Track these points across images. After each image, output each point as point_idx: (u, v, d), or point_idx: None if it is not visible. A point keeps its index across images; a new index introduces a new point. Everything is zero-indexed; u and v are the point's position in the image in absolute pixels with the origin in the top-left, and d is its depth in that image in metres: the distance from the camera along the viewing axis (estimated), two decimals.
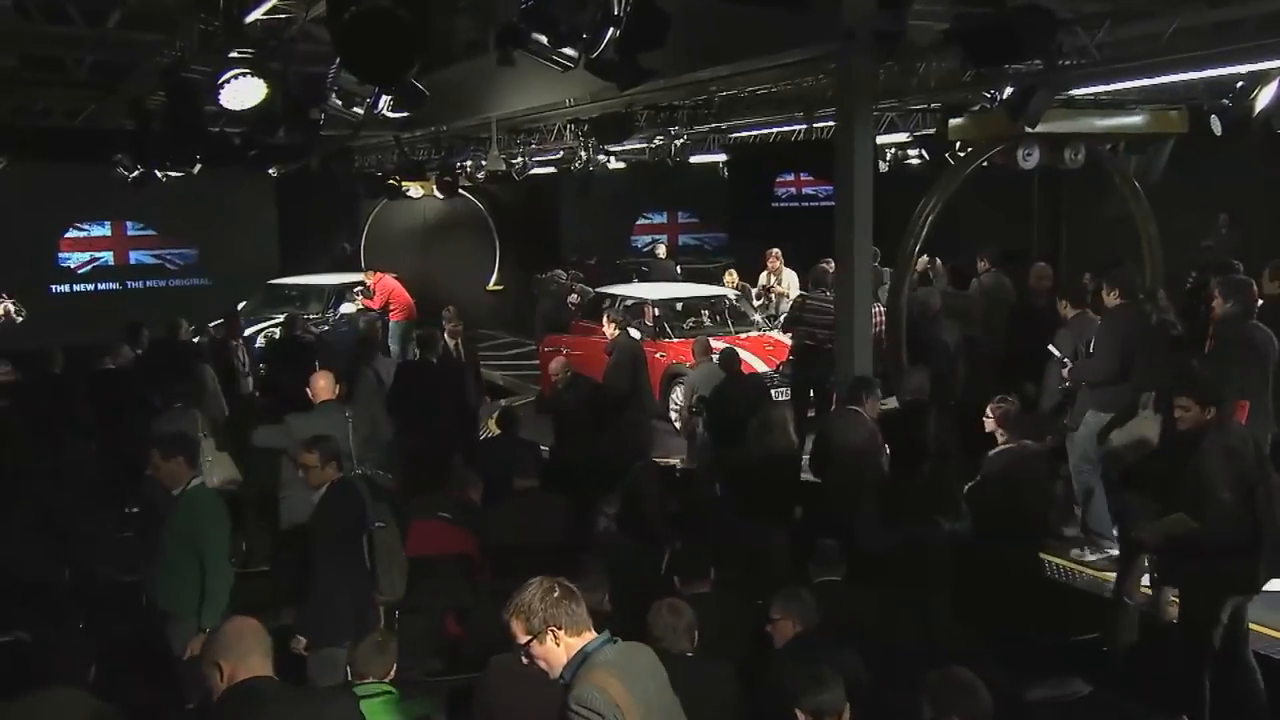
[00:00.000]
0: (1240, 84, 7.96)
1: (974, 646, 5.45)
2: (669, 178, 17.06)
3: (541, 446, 8.70)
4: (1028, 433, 6.58)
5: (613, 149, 12.20)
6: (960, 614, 5.61)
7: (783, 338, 12.22)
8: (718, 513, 6.57)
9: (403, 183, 16.01)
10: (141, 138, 9.44)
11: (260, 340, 13.62)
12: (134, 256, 17.54)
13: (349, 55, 4.29)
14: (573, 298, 12.30)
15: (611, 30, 4.35)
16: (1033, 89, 6.44)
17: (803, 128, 10.65)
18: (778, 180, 18.62)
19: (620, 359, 9.76)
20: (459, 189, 15.98)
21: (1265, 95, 7.77)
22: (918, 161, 12.64)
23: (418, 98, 5.63)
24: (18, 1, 7.64)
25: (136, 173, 11.84)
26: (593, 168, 12.63)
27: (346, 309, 14.81)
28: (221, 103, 5.69)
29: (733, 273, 13.76)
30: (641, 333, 11.74)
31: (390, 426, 8.19)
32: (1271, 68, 7.37)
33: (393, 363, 10.02)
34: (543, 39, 4.53)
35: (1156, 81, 7.22)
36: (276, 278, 16.45)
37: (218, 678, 3.27)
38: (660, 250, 17.63)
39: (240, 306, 15.05)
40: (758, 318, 12.93)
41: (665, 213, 21.09)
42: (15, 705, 3.44)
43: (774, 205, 18.80)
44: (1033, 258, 12.51)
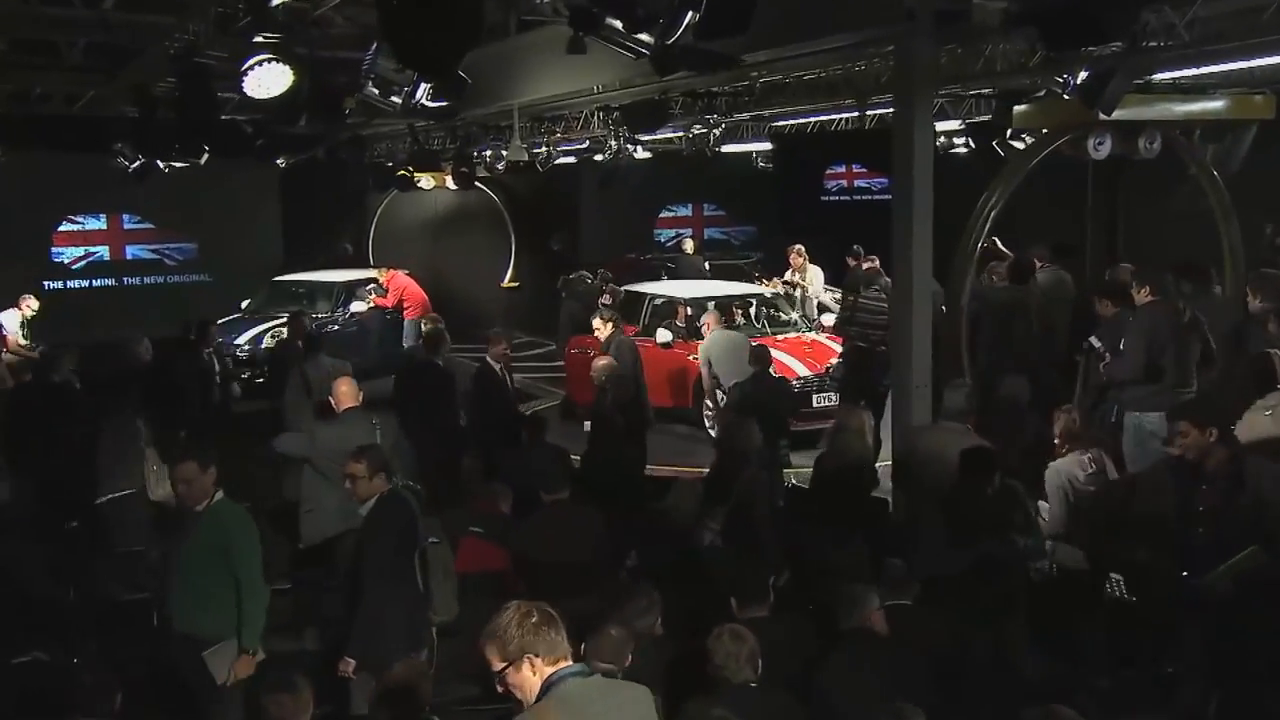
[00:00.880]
0: None
1: (1056, 677, 5.37)
2: (695, 168, 16.99)
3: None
4: (1090, 444, 6.54)
5: (644, 138, 12.09)
6: (1038, 639, 5.50)
7: (822, 338, 12.16)
8: (782, 527, 6.47)
9: (415, 173, 15.94)
10: (146, 126, 9.37)
11: (267, 341, 13.58)
12: (130, 251, 17.53)
13: (399, 42, 4.21)
14: (604, 299, 12.19)
15: (690, 14, 4.26)
16: (1110, 73, 6.31)
17: (852, 115, 10.54)
18: (827, 172, 18.46)
19: (620, 359, 9.64)
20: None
21: None
22: (964, 150, 12.51)
23: (460, 86, 5.55)
24: None
25: (138, 163, 11.79)
26: (622, 158, 12.53)
27: (357, 307, 14.77)
28: (245, 91, 5.61)
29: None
30: (673, 334, 11.69)
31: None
32: None
33: (333, 364, 10.02)
34: (617, 24, 4.44)
35: (1246, 65, 7.08)
36: (281, 274, 16.43)
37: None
38: (687, 245, 17.54)
39: (244, 304, 15.08)
40: (795, 316, 12.84)
41: (690, 205, 21.01)
42: None
43: (823, 199, 18.66)
44: (1087, 253, 12.37)
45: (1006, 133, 11.09)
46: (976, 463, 5.87)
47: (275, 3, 5.59)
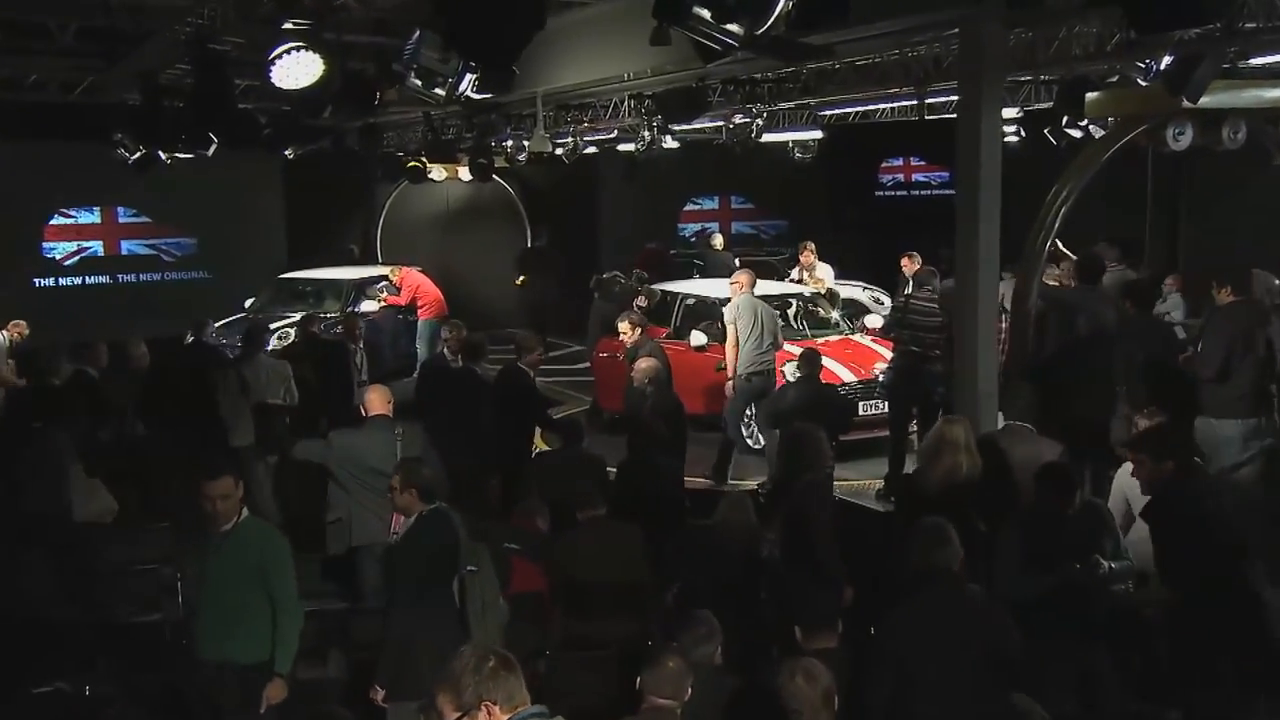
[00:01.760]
0: None
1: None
2: (723, 159, 16.88)
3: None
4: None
5: (680, 128, 11.99)
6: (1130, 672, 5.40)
7: (865, 340, 12.06)
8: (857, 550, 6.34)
9: (428, 164, 15.87)
10: (153, 115, 9.31)
11: (274, 342, 13.50)
12: (125, 246, 17.46)
13: (456, 30, 4.12)
14: (640, 301, 12.10)
15: (784, 2, 4.17)
16: (1198, 58, 6.21)
17: (906, 104, 10.42)
18: (882, 165, 18.35)
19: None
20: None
21: None
22: (1014, 140, 12.37)
23: (509, 76, 5.48)
24: None
25: (139, 154, 11.73)
26: (654, 149, 12.43)
27: (368, 307, 14.69)
28: (272, 81, 5.54)
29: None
30: (708, 337, 11.59)
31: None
32: None
33: (272, 364, 9.92)
34: (705, 13, 4.36)
35: None
36: (284, 270, 16.35)
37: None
38: (716, 240, 17.42)
39: (248, 304, 15.03)
40: (835, 316, 12.73)
41: (716, 197, 20.91)
42: None
43: (877, 194, 18.54)
44: (1146, 251, 12.25)
45: (1061, 120, 11.00)
46: (1056, 480, 5.74)
47: None
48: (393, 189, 19.03)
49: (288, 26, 5.54)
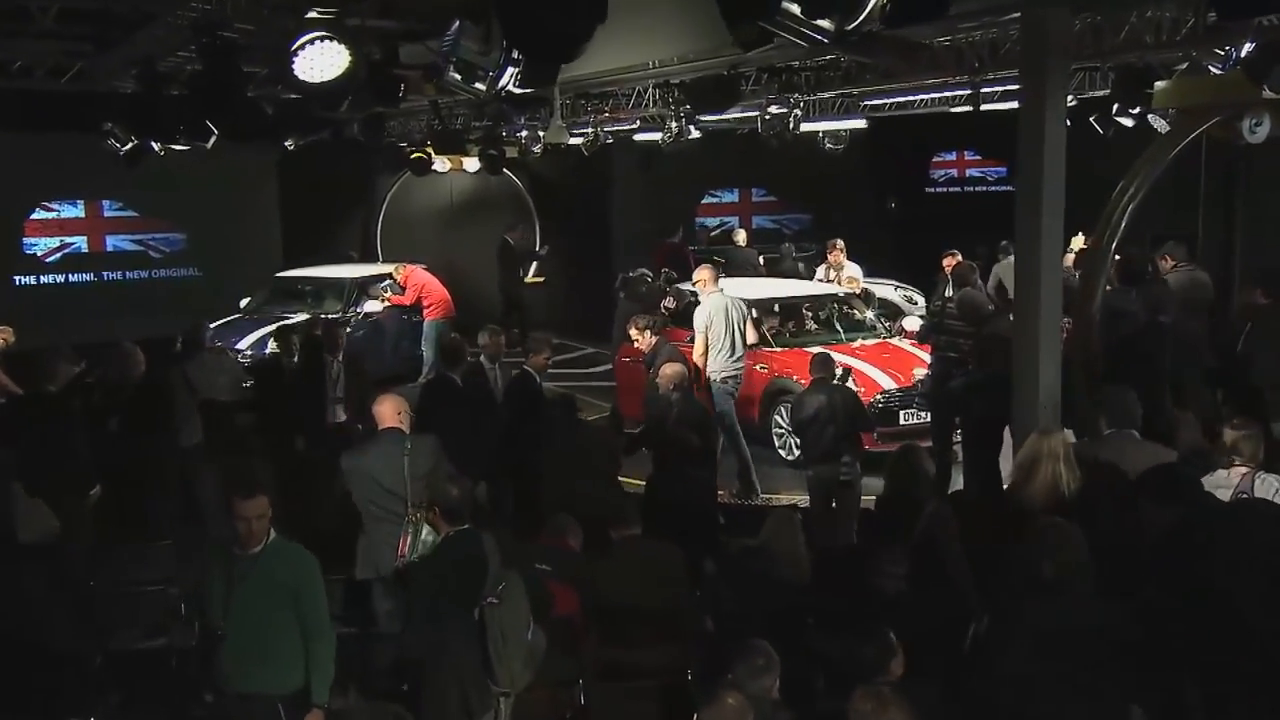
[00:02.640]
0: None
1: None
2: (745, 149, 16.80)
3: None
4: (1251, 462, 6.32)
5: (709, 118, 11.92)
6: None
7: (904, 344, 11.99)
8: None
9: (433, 155, 15.80)
10: (151, 105, 9.23)
11: (272, 345, 13.44)
12: (111, 242, 17.39)
13: (513, 22, 4.06)
14: (668, 302, 12.03)
15: None
16: None
17: (957, 94, 10.34)
18: (934, 160, 18.25)
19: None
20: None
21: None
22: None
23: (555, 70, 5.41)
24: None
25: (131, 145, 11.67)
26: (682, 140, 12.36)
27: (372, 307, 14.63)
28: (295, 74, 5.46)
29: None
30: None
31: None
32: None
33: (220, 360, 9.84)
34: (795, 8, 4.30)
35: None
36: (279, 267, 16.31)
37: None
38: (739, 236, 17.35)
39: (244, 304, 14.96)
40: (869, 316, 12.66)
41: (736, 190, 20.84)
42: None
43: (928, 190, 18.45)
44: (1200, 250, 12.16)
45: (1114, 109, 10.93)
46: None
47: None
48: (393, 181, 18.96)
49: (312, 15, 5.46)
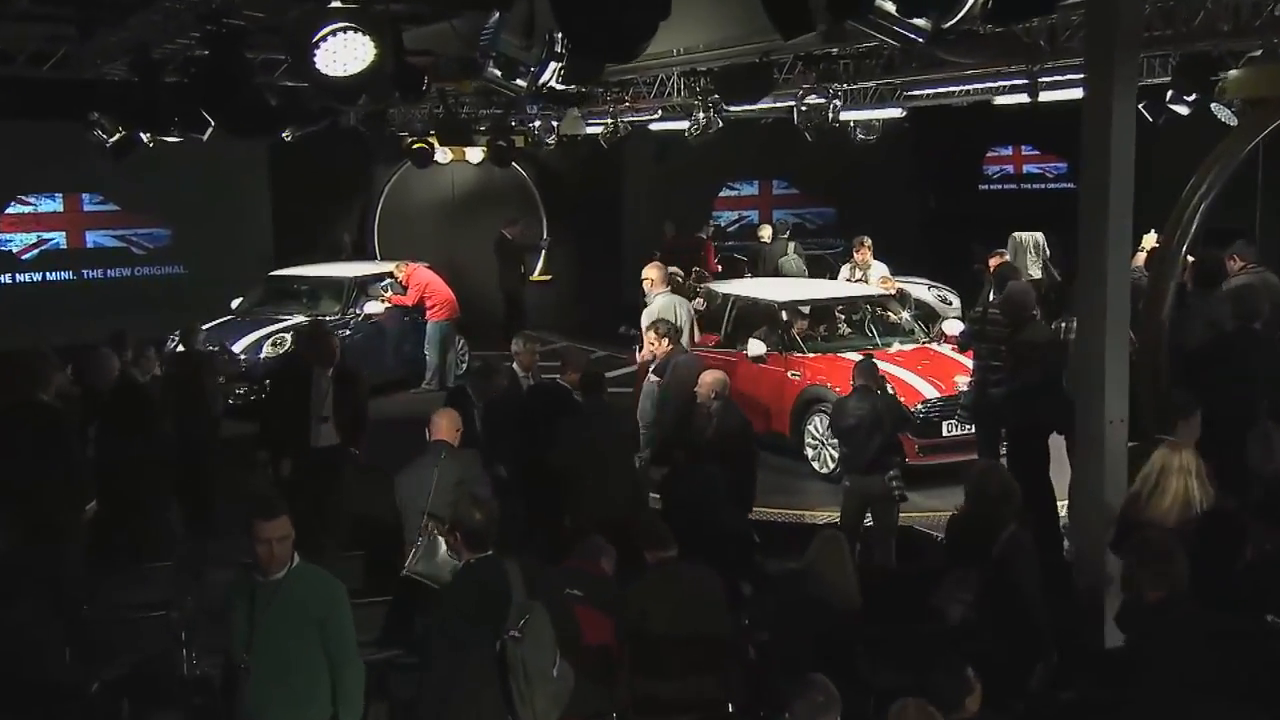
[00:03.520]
0: None
1: None
2: (766, 139, 16.76)
3: None
4: None
5: (739, 109, 11.86)
6: None
7: (945, 350, 11.93)
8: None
9: (436, 145, 15.76)
10: (146, 94, 9.18)
11: (267, 349, 13.39)
12: (91, 238, 17.34)
13: (571, 18, 4.00)
14: (697, 303, 12.00)
15: None
16: None
17: (1011, 84, 10.24)
18: (988, 155, 18.17)
19: (683, 380, 9.39)
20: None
21: None
22: None
23: (600, 66, 5.35)
24: None
25: (118, 135, 11.61)
26: (710, 132, 12.30)
27: (372, 308, 14.57)
28: (317, 68, 5.39)
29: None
30: (767, 345, 11.48)
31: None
32: None
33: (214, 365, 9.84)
34: (890, 6, 4.26)
35: None
36: (269, 265, 16.22)
37: None
38: (764, 232, 17.27)
39: (235, 304, 14.90)
40: (906, 317, 12.60)
41: (756, 182, 20.80)
42: None
43: (981, 187, 18.40)
44: (1258, 245, 12.06)
45: (1167, 97, 10.91)
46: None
47: None
48: (391, 173, 18.90)
49: (334, 4, 5.39)
